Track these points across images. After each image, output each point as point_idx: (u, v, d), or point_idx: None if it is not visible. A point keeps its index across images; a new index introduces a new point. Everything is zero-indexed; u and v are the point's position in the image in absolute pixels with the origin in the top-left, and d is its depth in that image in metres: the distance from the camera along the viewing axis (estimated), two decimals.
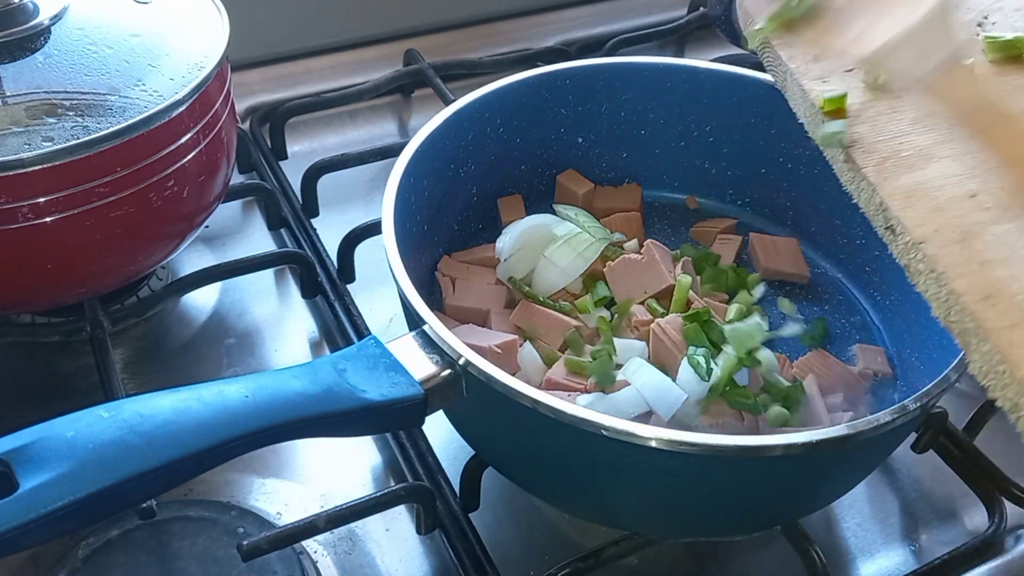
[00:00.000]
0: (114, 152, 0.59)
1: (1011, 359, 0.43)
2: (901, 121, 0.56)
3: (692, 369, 0.60)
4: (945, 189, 0.51)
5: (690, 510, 0.56)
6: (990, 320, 0.45)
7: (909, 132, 0.55)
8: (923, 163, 0.53)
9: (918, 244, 0.49)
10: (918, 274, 0.49)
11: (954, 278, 0.47)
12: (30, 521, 0.42)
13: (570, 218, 0.73)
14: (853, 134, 0.56)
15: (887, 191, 0.52)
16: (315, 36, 0.99)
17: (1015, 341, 0.43)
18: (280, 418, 0.48)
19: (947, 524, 0.65)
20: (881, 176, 0.53)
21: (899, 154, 0.54)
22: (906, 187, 0.52)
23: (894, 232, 0.51)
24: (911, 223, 0.50)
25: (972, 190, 0.51)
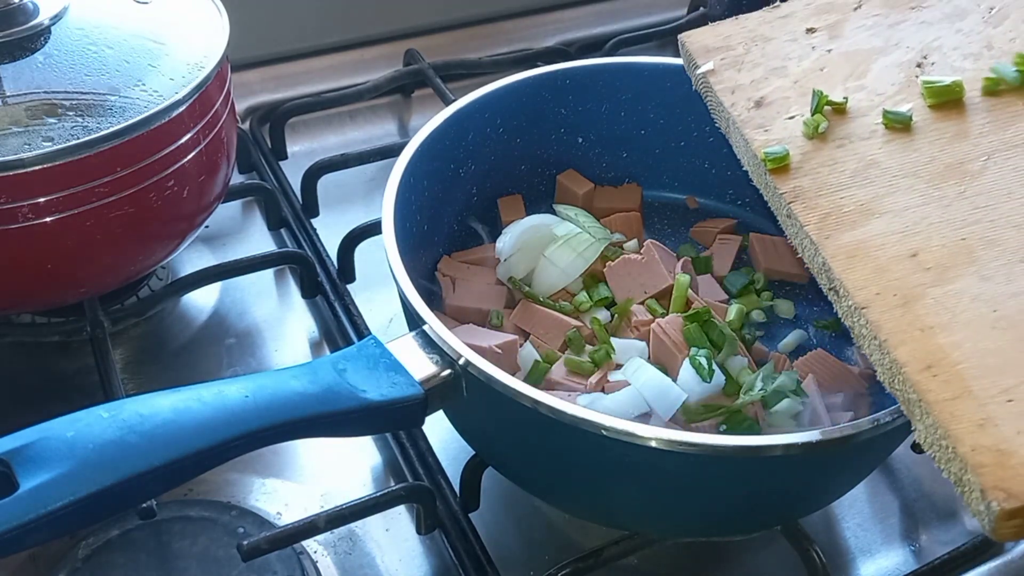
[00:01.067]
0: (114, 152, 0.59)
1: (953, 434, 0.42)
2: (843, 173, 0.55)
3: (692, 369, 0.60)
4: (886, 248, 0.50)
5: (690, 510, 0.56)
6: (932, 392, 0.44)
7: (850, 185, 0.54)
8: (864, 219, 0.52)
9: (860, 309, 0.48)
10: (862, 338, 0.49)
11: (895, 346, 0.46)
12: (30, 521, 0.42)
13: (570, 218, 0.73)
14: (795, 188, 0.55)
15: (829, 251, 0.51)
16: (315, 36, 0.99)
17: (956, 414, 0.42)
18: (280, 418, 0.48)
19: (947, 524, 0.65)
20: (823, 234, 0.52)
21: (840, 210, 0.53)
22: (848, 246, 0.51)
23: (837, 294, 0.50)
24: (853, 286, 0.49)
25: (913, 248, 0.50)
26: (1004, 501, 0.39)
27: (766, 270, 0.73)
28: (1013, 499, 0.39)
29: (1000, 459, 0.40)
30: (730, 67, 0.64)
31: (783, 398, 0.61)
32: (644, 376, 0.60)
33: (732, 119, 0.61)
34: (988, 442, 0.41)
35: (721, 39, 0.66)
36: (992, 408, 0.42)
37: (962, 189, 0.52)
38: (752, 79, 0.63)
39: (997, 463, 0.40)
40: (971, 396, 0.43)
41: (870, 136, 0.57)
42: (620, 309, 0.66)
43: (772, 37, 0.65)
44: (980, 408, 0.42)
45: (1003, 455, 0.40)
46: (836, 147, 0.57)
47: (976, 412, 0.42)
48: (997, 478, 0.40)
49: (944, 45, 0.60)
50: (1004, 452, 0.40)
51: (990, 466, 0.40)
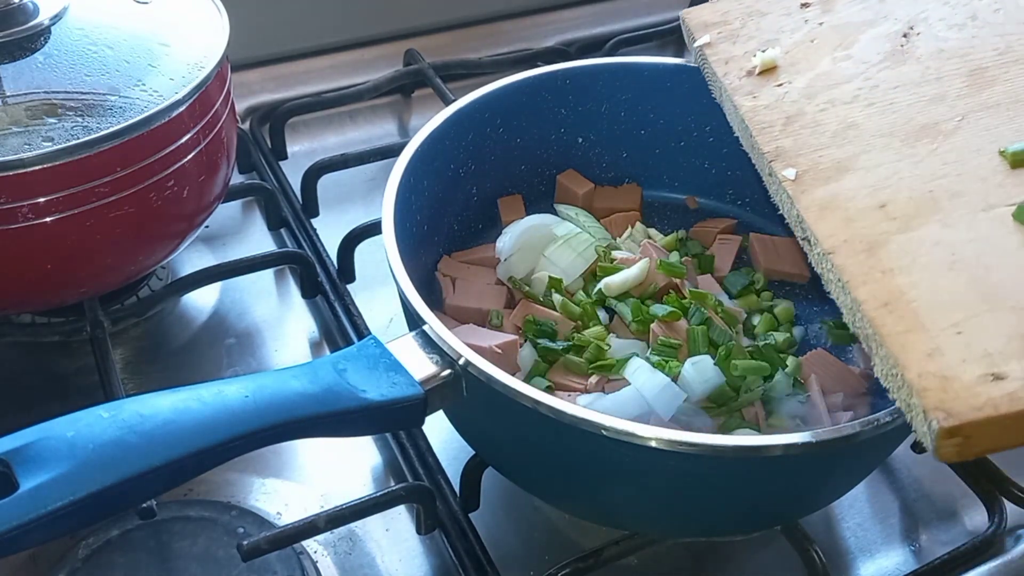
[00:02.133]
0: (114, 152, 0.59)
1: (903, 362, 0.45)
2: (823, 135, 0.58)
3: (693, 369, 0.60)
4: (857, 200, 0.54)
5: (690, 510, 0.56)
6: (886, 326, 0.46)
7: (829, 145, 0.58)
8: (839, 175, 0.55)
9: (827, 255, 0.51)
10: (828, 283, 0.52)
11: (857, 286, 0.49)
12: (30, 521, 0.42)
13: (570, 218, 0.74)
14: (777, 148, 0.58)
15: (803, 204, 0.54)
16: (315, 36, 0.99)
17: (907, 345, 0.45)
18: (280, 418, 0.48)
19: (947, 524, 0.65)
20: (799, 189, 0.55)
21: (817, 167, 0.56)
22: (821, 200, 0.54)
23: (810, 243, 0.54)
24: (822, 235, 0.52)
25: (882, 200, 0.53)
26: (944, 420, 0.41)
27: (766, 270, 0.73)
28: (952, 418, 0.41)
29: (943, 384, 0.43)
30: (725, 40, 0.68)
31: (783, 398, 0.62)
32: (644, 376, 0.60)
33: (724, 87, 0.65)
34: (934, 369, 0.44)
35: (719, 15, 0.70)
36: (941, 339, 0.45)
37: (934, 147, 0.55)
38: (745, 51, 0.66)
39: (940, 387, 0.43)
40: (923, 329, 0.46)
41: (852, 100, 0.60)
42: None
43: (767, 12, 0.69)
44: (930, 340, 0.45)
45: (947, 380, 0.43)
46: (819, 111, 0.60)
47: (926, 343, 0.45)
48: (939, 400, 0.42)
49: (930, 16, 0.63)
50: (948, 378, 0.43)
51: (933, 390, 0.43)
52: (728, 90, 0.64)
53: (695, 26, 0.70)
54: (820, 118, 0.60)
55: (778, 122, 0.60)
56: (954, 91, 0.58)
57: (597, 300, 0.67)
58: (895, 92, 0.60)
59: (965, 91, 0.58)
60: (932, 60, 0.61)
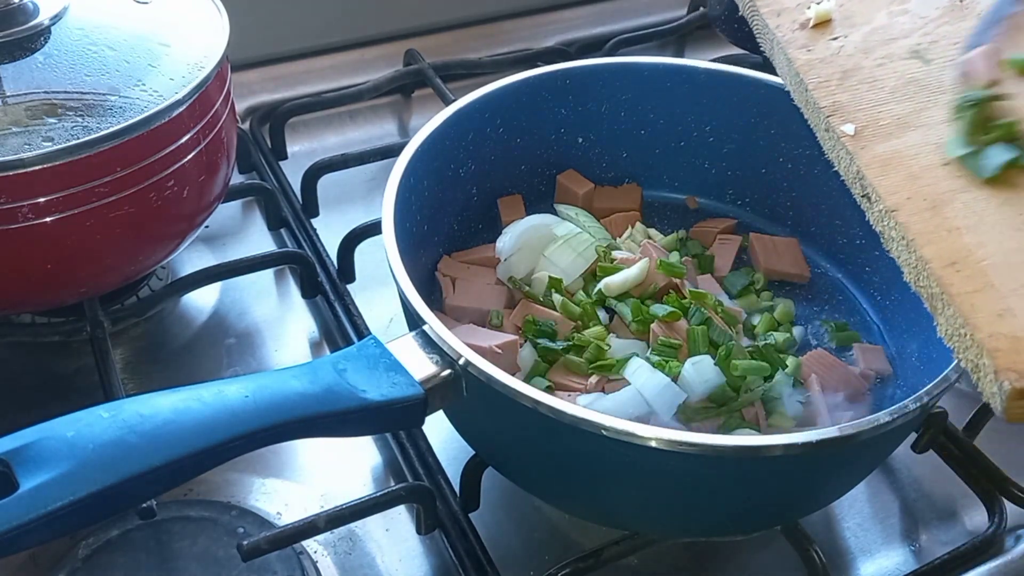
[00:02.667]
0: (114, 152, 0.59)
1: (972, 322, 0.44)
2: (882, 90, 0.57)
3: (693, 369, 0.60)
4: (920, 157, 0.53)
5: (690, 510, 0.56)
6: (954, 285, 0.46)
7: (888, 101, 0.57)
8: (900, 132, 0.54)
9: (891, 212, 0.50)
10: (890, 240, 0.51)
11: (923, 245, 0.48)
12: (30, 521, 0.42)
13: (571, 218, 0.74)
14: (834, 103, 0.57)
15: (864, 160, 0.53)
16: (315, 36, 0.99)
17: (977, 306, 0.45)
18: (280, 418, 0.48)
19: (947, 524, 0.65)
20: (859, 145, 0.54)
21: (878, 123, 0.55)
22: (882, 156, 0.53)
23: (870, 200, 0.53)
24: (885, 191, 0.51)
25: (946, 158, 0.52)
26: (1016, 381, 0.41)
27: (766, 270, 0.73)
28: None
29: (1015, 345, 0.43)
30: None
31: (783, 398, 0.62)
32: (644, 376, 0.60)
33: (777, 40, 0.63)
34: (1005, 329, 0.44)
35: None
36: (1012, 300, 0.45)
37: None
38: (798, 2, 0.64)
39: (1012, 348, 0.43)
40: (992, 289, 0.45)
41: (910, 56, 0.59)
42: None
43: None
44: (1000, 300, 0.45)
45: (1018, 341, 0.43)
46: (877, 66, 0.59)
47: (996, 303, 0.45)
48: (1010, 361, 0.42)
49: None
50: (1019, 339, 0.43)
51: (1005, 351, 0.43)
52: (781, 43, 0.62)
53: None
54: (878, 73, 0.58)
55: (834, 77, 0.59)
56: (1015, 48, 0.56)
57: (597, 300, 0.67)
58: (955, 49, 0.58)
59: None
60: None
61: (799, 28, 0.63)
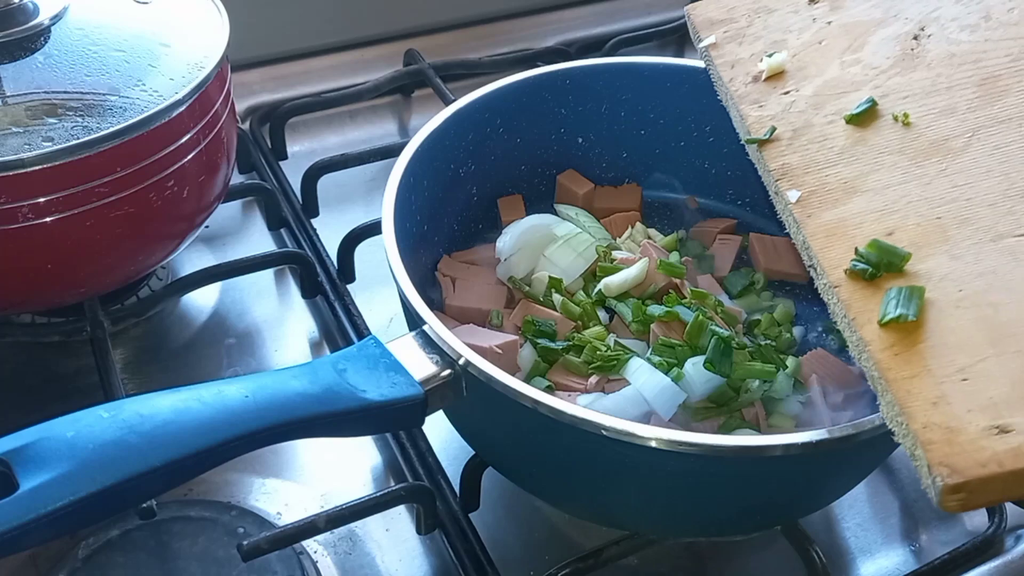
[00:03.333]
0: (114, 152, 0.59)
1: (908, 410, 0.43)
2: (831, 150, 0.56)
3: (693, 369, 0.60)
4: (864, 227, 0.51)
5: (690, 510, 0.56)
6: (892, 370, 0.45)
7: (837, 162, 0.55)
8: (846, 197, 0.53)
9: (834, 288, 0.49)
10: (835, 316, 0.50)
11: (862, 325, 0.47)
12: (30, 521, 0.42)
13: (571, 218, 0.74)
14: (783, 165, 0.56)
15: (809, 229, 0.53)
16: (315, 36, 0.99)
17: (913, 392, 0.44)
18: (280, 418, 0.48)
19: (947, 524, 0.65)
20: (805, 213, 0.53)
21: (825, 187, 0.54)
22: (827, 225, 0.52)
23: (815, 271, 0.52)
24: (828, 265, 0.51)
25: (890, 227, 0.51)
26: (948, 477, 0.40)
27: (766, 270, 0.73)
28: (956, 475, 0.40)
29: (949, 436, 0.42)
30: (732, 40, 0.65)
31: (783, 398, 0.62)
32: (644, 376, 0.60)
33: (730, 94, 0.62)
34: (939, 420, 0.42)
35: (725, 11, 0.67)
36: (947, 386, 0.43)
37: (944, 167, 0.53)
38: (752, 53, 0.64)
39: (945, 440, 0.41)
40: (929, 374, 0.44)
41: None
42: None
43: (775, 8, 0.66)
44: (936, 386, 0.43)
45: (952, 432, 0.42)
46: (827, 123, 0.58)
47: (931, 390, 0.43)
48: (944, 454, 0.41)
49: (942, 16, 0.61)
50: (953, 430, 0.42)
51: (938, 443, 0.41)
52: (734, 97, 0.62)
53: (700, 23, 0.67)
54: (828, 131, 0.57)
55: (785, 135, 0.58)
56: (964, 103, 0.56)
57: (597, 300, 0.67)
58: (905, 103, 0.57)
59: (976, 103, 0.56)
60: (943, 66, 0.58)
61: (752, 81, 0.62)
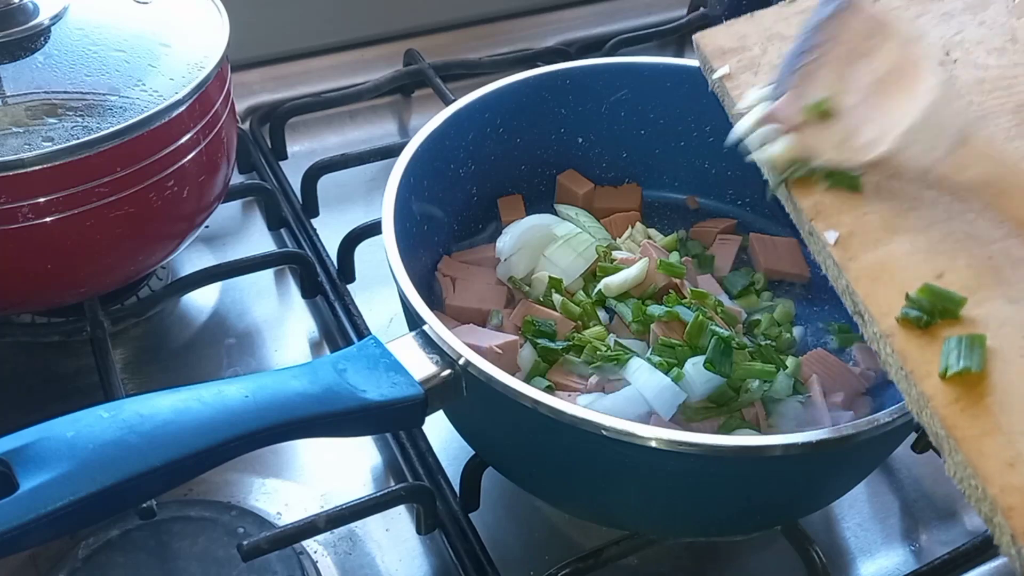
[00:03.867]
0: (114, 152, 0.59)
1: (982, 472, 0.40)
2: (865, 186, 0.51)
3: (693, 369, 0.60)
4: (911, 269, 0.47)
5: (690, 510, 0.56)
6: (960, 428, 0.41)
7: (873, 199, 0.51)
8: (888, 237, 0.49)
9: (886, 338, 0.45)
10: (888, 366, 0.46)
11: (922, 378, 0.43)
12: (30, 521, 0.42)
13: (571, 218, 0.74)
14: (816, 204, 0.51)
15: (853, 274, 0.48)
16: (315, 36, 0.99)
17: (985, 451, 0.40)
18: (280, 418, 0.48)
19: (947, 524, 0.65)
20: (846, 255, 0.49)
21: (863, 227, 0.50)
22: (871, 267, 0.48)
23: (863, 319, 0.48)
24: (878, 313, 0.46)
25: (938, 269, 0.47)
26: None
27: (766, 270, 0.73)
28: None
29: None
30: (746, 70, 0.60)
31: (783, 398, 0.62)
32: (644, 376, 0.60)
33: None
34: (1018, 482, 0.39)
35: (736, 39, 0.62)
36: (1022, 444, 0.40)
37: (987, 202, 0.49)
38: (768, 83, 0.58)
39: None
40: (1000, 431, 0.41)
41: None
42: None
43: (789, 35, 0.61)
44: (1009, 444, 0.40)
45: None
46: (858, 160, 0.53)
47: (1005, 449, 0.40)
48: None
49: (966, 39, 0.57)
50: None
51: (1020, 508, 0.38)
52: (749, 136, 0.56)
53: (711, 52, 0.62)
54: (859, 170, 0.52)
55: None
56: (1001, 132, 0.51)
57: (597, 300, 0.67)
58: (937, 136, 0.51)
59: (1014, 131, 0.51)
60: (974, 93, 0.53)
61: None
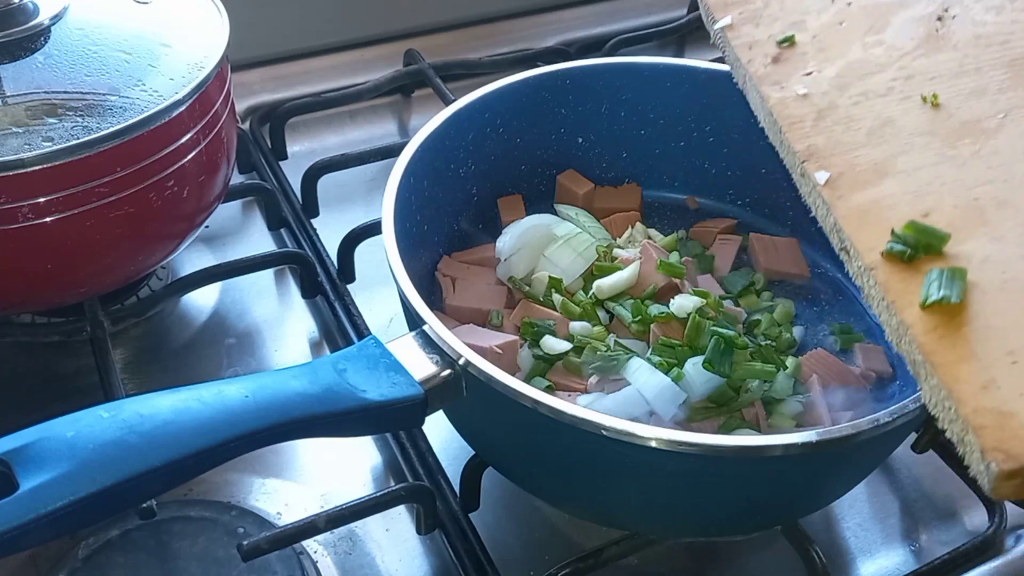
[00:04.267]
0: (114, 152, 0.59)
1: (956, 395, 0.42)
2: (858, 132, 0.55)
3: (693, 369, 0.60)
4: (898, 208, 0.50)
5: (690, 510, 0.56)
6: (937, 354, 0.43)
7: (865, 144, 0.54)
8: (877, 179, 0.52)
9: (869, 270, 0.48)
10: (871, 299, 0.49)
11: (903, 308, 0.46)
12: (30, 521, 0.42)
13: (571, 218, 0.74)
14: (809, 147, 0.54)
15: (840, 212, 0.51)
16: (315, 36, 0.99)
17: (961, 376, 0.42)
18: (280, 418, 0.48)
19: (947, 524, 0.65)
20: (835, 195, 0.52)
21: (854, 169, 0.53)
22: (859, 207, 0.51)
23: (848, 254, 0.50)
24: (863, 247, 0.49)
25: (925, 209, 0.49)
26: (1003, 462, 0.39)
27: (766, 270, 0.73)
28: (1012, 460, 0.39)
29: (1001, 421, 0.40)
30: (748, 22, 0.63)
31: (783, 398, 0.62)
32: (644, 376, 0.60)
33: (748, 75, 0.61)
34: (990, 404, 0.41)
35: None
36: (996, 370, 0.42)
37: (977, 148, 0.52)
38: (770, 34, 0.62)
39: (998, 425, 0.40)
40: (976, 358, 0.43)
41: (887, 93, 0.56)
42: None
43: None
44: (984, 370, 0.42)
45: (1004, 417, 0.41)
46: (852, 104, 0.56)
47: (980, 374, 0.42)
48: (997, 439, 0.40)
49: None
50: (1005, 414, 0.41)
51: (991, 428, 0.40)
52: (754, 79, 0.60)
53: (714, 5, 0.65)
54: (854, 112, 0.56)
55: (809, 116, 0.56)
56: (995, 84, 0.54)
57: (597, 300, 0.67)
58: (932, 84, 0.56)
59: (1007, 84, 0.54)
60: (970, 47, 0.56)
61: (772, 63, 0.60)
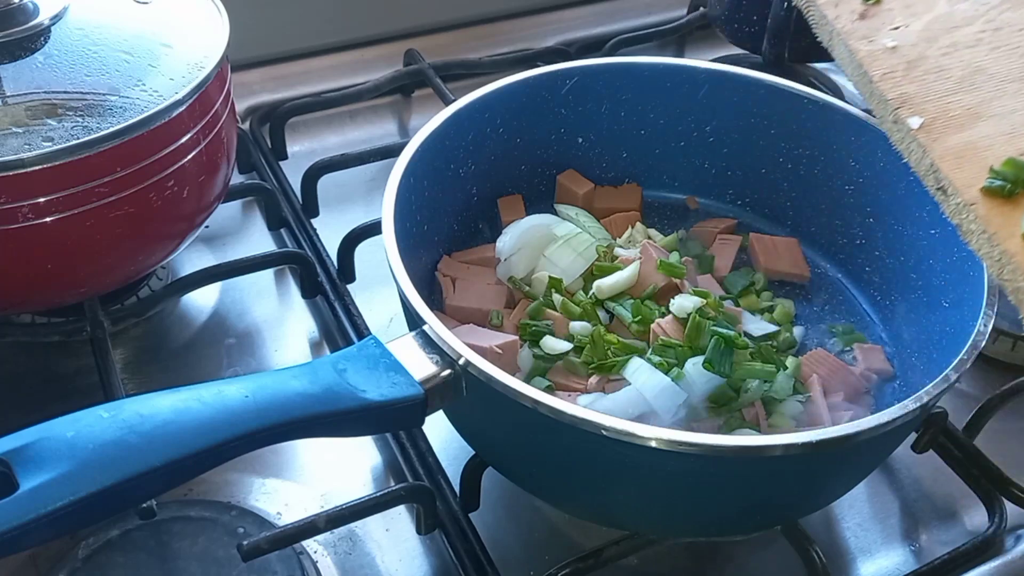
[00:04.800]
0: (114, 152, 0.59)
1: None
2: (949, 79, 0.57)
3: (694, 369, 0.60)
4: (994, 148, 0.52)
5: (690, 510, 0.56)
6: None
7: (957, 91, 0.56)
8: (972, 122, 0.54)
9: (969, 206, 0.50)
10: (970, 234, 0.50)
11: (1005, 239, 0.48)
12: (30, 521, 0.42)
13: (571, 218, 0.74)
14: (902, 95, 0.56)
15: (937, 153, 0.53)
16: (315, 36, 0.99)
17: None
18: (280, 418, 0.48)
19: (947, 524, 0.65)
20: (930, 137, 0.54)
21: (947, 114, 0.55)
22: (956, 147, 0.53)
23: (945, 193, 0.52)
24: (962, 184, 0.51)
25: (1022, 148, 0.51)
26: None
27: (766, 270, 0.73)
28: None
29: None
30: None
31: (783, 398, 0.62)
32: (644, 376, 0.60)
33: (835, 31, 0.62)
34: None
35: None
36: None
37: None
38: None
39: None
40: None
41: (976, 44, 0.58)
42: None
43: None
44: None
45: None
46: (942, 55, 0.58)
47: None
48: None
49: None
50: None
51: None
52: (841, 34, 0.62)
53: None
54: (944, 63, 0.58)
55: (899, 67, 0.58)
56: None
57: (597, 300, 0.67)
58: (1021, 35, 0.58)
59: None
60: None
61: (858, 19, 0.62)
